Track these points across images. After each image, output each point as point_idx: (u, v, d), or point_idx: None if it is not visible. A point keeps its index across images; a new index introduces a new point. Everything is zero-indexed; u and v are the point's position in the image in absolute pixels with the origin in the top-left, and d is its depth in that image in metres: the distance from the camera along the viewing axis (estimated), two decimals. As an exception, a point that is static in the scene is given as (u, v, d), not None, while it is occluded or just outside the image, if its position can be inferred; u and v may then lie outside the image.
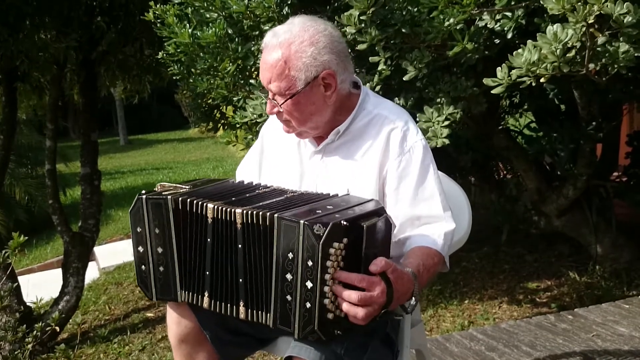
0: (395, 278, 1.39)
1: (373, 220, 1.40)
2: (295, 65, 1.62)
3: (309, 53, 1.62)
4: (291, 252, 1.38)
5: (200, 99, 3.82)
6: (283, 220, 1.39)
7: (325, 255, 1.33)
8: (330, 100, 1.68)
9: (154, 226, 1.61)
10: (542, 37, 2.01)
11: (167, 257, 1.61)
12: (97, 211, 4.44)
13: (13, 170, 8.75)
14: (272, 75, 1.64)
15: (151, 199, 1.60)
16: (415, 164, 1.68)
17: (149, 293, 1.66)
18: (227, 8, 2.81)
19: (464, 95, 2.63)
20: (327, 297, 1.36)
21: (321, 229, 1.32)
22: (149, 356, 3.75)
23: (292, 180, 1.79)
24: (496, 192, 4.45)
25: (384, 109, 1.76)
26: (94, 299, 5.17)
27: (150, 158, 17.97)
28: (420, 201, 1.67)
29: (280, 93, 1.65)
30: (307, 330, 1.39)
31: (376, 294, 1.36)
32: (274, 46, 1.64)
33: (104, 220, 7.72)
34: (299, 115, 1.67)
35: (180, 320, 1.69)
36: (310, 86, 1.64)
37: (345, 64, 1.69)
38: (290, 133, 1.76)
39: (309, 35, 1.63)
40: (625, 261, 4.01)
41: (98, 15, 4.26)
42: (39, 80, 4.66)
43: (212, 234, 1.55)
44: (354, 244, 1.37)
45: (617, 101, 3.81)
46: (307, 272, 1.35)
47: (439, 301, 3.91)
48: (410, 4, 2.46)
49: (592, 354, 2.86)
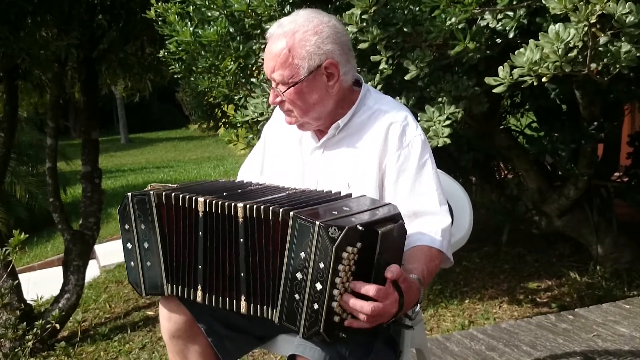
0: (405, 288, 1.40)
1: (389, 227, 1.39)
2: (299, 54, 1.63)
3: (313, 42, 1.64)
4: (303, 252, 1.37)
5: (201, 97, 3.82)
6: (298, 219, 1.38)
7: (338, 258, 1.32)
8: (333, 90, 1.69)
9: (140, 222, 1.62)
10: (544, 37, 2.00)
11: (152, 252, 1.62)
12: (97, 209, 4.43)
13: (14, 169, 8.75)
14: (275, 64, 1.65)
15: (136, 195, 1.62)
16: (413, 158, 1.69)
17: (139, 289, 1.68)
18: (228, 6, 2.81)
19: (465, 94, 2.63)
20: (336, 300, 1.35)
21: (336, 232, 1.31)
22: (149, 354, 3.75)
23: (294, 175, 1.80)
24: (497, 191, 4.45)
25: (384, 104, 1.77)
26: (94, 297, 5.17)
27: (151, 156, 17.99)
28: (416, 195, 1.68)
29: (284, 81, 1.66)
30: (312, 331, 1.38)
31: (389, 304, 1.36)
32: (278, 35, 1.66)
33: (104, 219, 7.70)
34: (301, 104, 1.68)
35: (170, 316, 1.69)
36: (314, 75, 1.65)
37: (348, 56, 1.71)
38: (293, 124, 1.76)
39: (313, 25, 1.65)
40: (626, 261, 4.01)
41: (99, 13, 4.26)
42: (40, 78, 4.66)
43: (203, 228, 1.54)
44: (368, 249, 1.35)
45: (619, 101, 3.81)
46: (318, 273, 1.34)
47: (440, 301, 3.90)
48: (412, 3, 2.46)
49: (592, 354, 2.86)
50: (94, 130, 4.43)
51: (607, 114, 3.83)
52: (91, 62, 4.38)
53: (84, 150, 4.41)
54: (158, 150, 19.82)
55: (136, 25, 4.28)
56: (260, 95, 2.93)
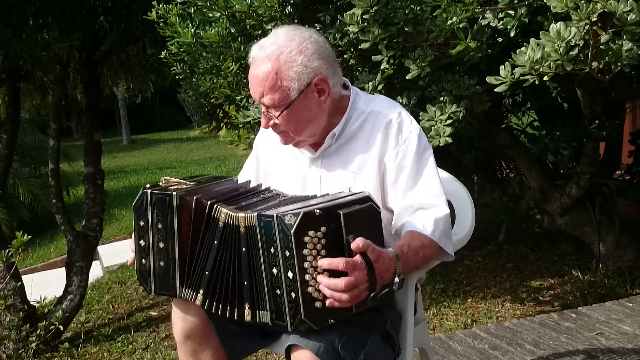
0: (375, 257, 1.40)
1: (353, 208, 1.42)
2: (287, 76, 1.62)
3: (299, 61, 1.62)
4: (272, 246, 1.41)
5: (203, 98, 3.82)
6: (262, 217, 1.43)
7: (300, 243, 1.36)
8: (325, 105, 1.70)
9: (157, 221, 1.61)
10: (545, 35, 2.00)
11: (168, 252, 1.62)
12: (100, 210, 4.44)
13: (16, 170, 8.77)
14: (264, 89, 1.64)
15: (156, 194, 1.61)
16: (410, 154, 1.71)
17: (148, 287, 1.67)
18: (229, 7, 2.81)
19: (467, 93, 2.63)
20: (310, 284, 1.38)
21: (292, 218, 1.36)
22: (152, 355, 3.76)
23: (295, 188, 1.80)
24: (499, 190, 4.45)
25: (376, 105, 1.78)
26: (97, 298, 5.18)
27: (153, 157, 18.01)
28: (415, 189, 1.70)
29: (275, 105, 1.65)
30: (296, 320, 1.41)
31: (360, 276, 1.37)
32: (262, 59, 1.64)
33: (107, 220, 7.73)
34: (295, 124, 1.68)
35: (185, 316, 1.69)
36: (305, 94, 1.65)
37: (334, 67, 1.71)
38: (288, 144, 1.76)
39: (296, 44, 1.64)
40: (629, 259, 4.00)
41: (101, 14, 4.26)
42: (42, 80, 4.67)
43: (220, 238, 1.56)
44: (334, 232, 1.39)
45: (620, 99, 3.80)
46: (287, 262, 1.39)
47: (442, 300, 3.91)
48: (413, 3, 2.46)
49: (595, 352, 2.86)
50: (96, 131, 4.43)
51: (608, 112, 3.82)
52: (93, 63, 4.39)
53: (86, 152, 4.41)
54: (160, 151, 19.84)
55: (138, 26, 4.28)
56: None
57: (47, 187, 6.86)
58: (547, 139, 3.89)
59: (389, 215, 1.73)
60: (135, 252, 1.68)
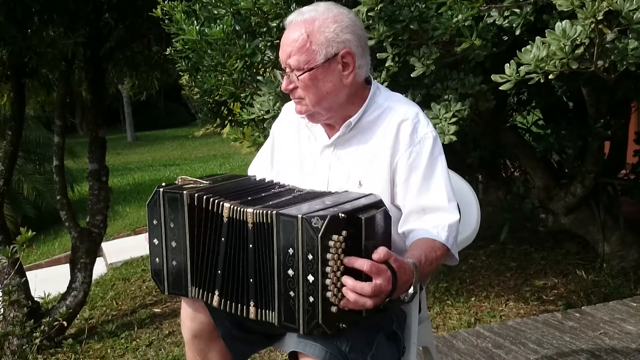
0: (397, 267, 1.40)
1: (371, 213, 1.42)
2: (317, 40, 1.64)
3: (332, 29, 1.65)
4: (291, 247, 1.39)
5: (207, 95, 3.82)
6: (281, 217, 1.41)
7: (325, 247, 1.34)
8: (347, 81, 1.69)
9: (169, 220, 1.62)
10: (551, 34, 2.00)
11: (180, 252, 1.62)
12: (104, 207, 4.44)
13: (21, 167, 8.78)
14: (292, 49, 1.66)
15: (168, 192, 1.61)
16: (424, 155, 1.70)
17: (162, 286, 1.68)
18: (234, 4, 2.81)
19: (472, 92, 2.63)
20: (330, 289, 1.36)
21: (319, 221, 1.34)
22: (156, 351, 3.76)
23: (305, 175, 1.80)
24: (503, 189, 4.44)
25: (394, 101, 1.78)
26: (101, 295, 5.19)
27: (157, 154, 18.00)
28: (426, 192, 1.69)
29: (299, 67, 1.66)
30: (311, 324, 1.39)
31: (384, 282, 1.36)
32: (298, 22, 1.67)
33: (111, 216, 7.72)
34: (314, 91, 1.68)
35: (195, 316, 1.70)
36: (329, 62, 1.66)
37: (364, 50, 1.72)
38: (303, 114, 1.76)
39: (334, 14, 1.67)
40: (633, 259, 3.99)
41: (106, 11, 4.27)
42: (47, 77, 4.66)
43: (226, 234, 1.55)
44: (354, 237, 1.38)
45: (626, 98, 3.79)
46: (308, 266, 1.37)
47: (446, 298, 3.90)
48: (419, 0, 2.46)
49: (599, 351, 2.85)
50: (100, 128, 4.44)
51: (614, 111, 3.81)
52: (98, 60, 4.39)
53: (91, 148, 4.42)
54: (164, 148, 19.84)
55: (143, 23, 4.29)
56: (266, 93, 2.93)
57: (51, 184, 6.87)
58: (552, 138, 3.88)
59: (397, 213, 1.72)
60: (150, 251, 1.68)
